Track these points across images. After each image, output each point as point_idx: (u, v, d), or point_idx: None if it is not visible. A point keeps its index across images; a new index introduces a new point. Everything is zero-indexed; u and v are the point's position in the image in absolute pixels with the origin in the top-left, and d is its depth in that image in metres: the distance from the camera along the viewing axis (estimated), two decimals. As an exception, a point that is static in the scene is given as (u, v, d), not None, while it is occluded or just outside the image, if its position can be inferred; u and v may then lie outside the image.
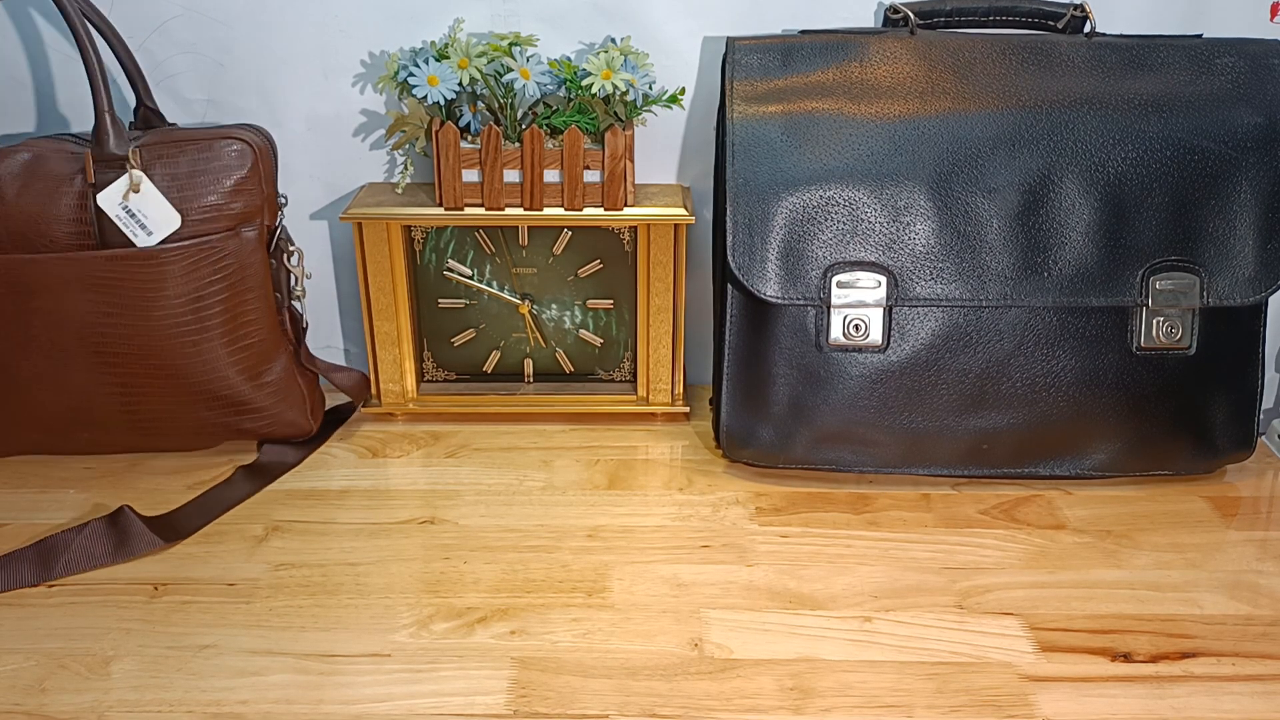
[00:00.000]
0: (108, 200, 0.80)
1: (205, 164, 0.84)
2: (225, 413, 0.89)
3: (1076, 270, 0.86)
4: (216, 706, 0.65)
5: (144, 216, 0.81)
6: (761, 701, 0.66)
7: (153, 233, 0.81)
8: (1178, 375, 0.87)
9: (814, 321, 0.87)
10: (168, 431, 0.90)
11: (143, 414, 0.88)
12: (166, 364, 0.85)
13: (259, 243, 0.87)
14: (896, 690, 0.67)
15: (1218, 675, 0.69)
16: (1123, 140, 0.86)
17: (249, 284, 0.87)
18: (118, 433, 0.90)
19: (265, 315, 0.88)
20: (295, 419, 0.93)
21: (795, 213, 0.86)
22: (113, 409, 0.87)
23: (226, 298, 0.86)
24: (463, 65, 0.90)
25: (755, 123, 0.87)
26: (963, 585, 0.77)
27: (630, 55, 0.91)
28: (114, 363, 0.85)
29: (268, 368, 0.89)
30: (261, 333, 0.88)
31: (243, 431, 0.91)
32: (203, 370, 0.86)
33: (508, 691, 0.67)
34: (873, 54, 0.89)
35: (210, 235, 0.84)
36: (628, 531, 0.83)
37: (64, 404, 0.87)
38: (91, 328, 0.84)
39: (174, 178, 0.83)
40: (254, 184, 0.85)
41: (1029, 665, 0.69)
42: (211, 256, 0.84)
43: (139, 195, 0.80)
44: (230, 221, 0.85)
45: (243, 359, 0.88)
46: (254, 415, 0.90)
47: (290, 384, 0.92)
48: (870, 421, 0.88)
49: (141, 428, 0.89)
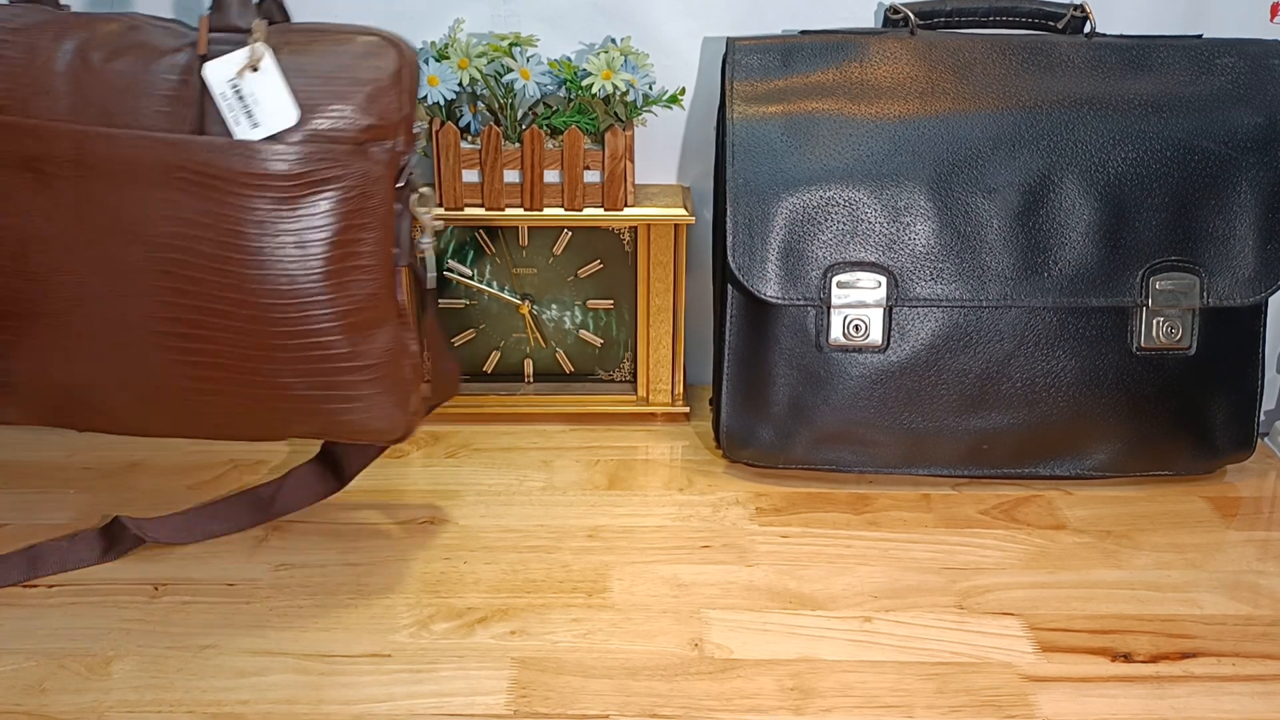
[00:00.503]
0: (216, 74, 0.64)
1: (340, 58, 0.67)
2: (308, 385, 0.69)
3: (1076, 270, 0.86)
4: (216, 706, 0.65)
5: (254, 102, 0.65)
6: (762, 702, 0.66)
7: (259, 124, 0.65)
8: (1178, 375, 0.87)
9: (814, 322, 0.87)
10: (230, 401, 0.70)
11: (204, 370, 0.68)
12: (249, 300, 0.67)
13: (388, 169, 0.69)
14: (896, 690, 0.67)
15: (1218, 675, 0.69)
16: (1123, 140, 0.86)
17: (368, 217, 0.69)
18: (162, 400, 0.70)
19: (381, 263, 0.70)
20: (390, 413, 0.73)
21: (795, 213, 0.86)
22: (169, 362, 0.68)
23: (341, 228, 0.68)
24: (463, 65, 0.90)
25: (755, 123, 0.87)
26: (963, 585, 0.77)
27: (630, 55, 0.92)
28: (184, 291, 0.66)
29: (370, 334, 0.70)
30: (372, 285, 0.70)
31: (320, 420, 0.72)
32: (295, 316, 0.67)
33: (508, 691, 0.67)
34: (873, 54, 0.89)
35: (327, 144, 0.67)
36: (628, 532, 0.83)
37: (104, 344, 0.68)
38: (164, 239, 0.65)
39: (300, 69, 0.66)
40: (394, 95, 0.68)
41: (1029, 665, 0.69)
42: (329, 170, 0.67)
43: (255, 75, 0.64)
44: (359, 135, 0.68)
45: (345, 312, 0.69)
46: (342, 399, 0.70)
47: (394, 366, 0.72)
48: (870, 422, 0.88)
49: (198, 391, 0.69)
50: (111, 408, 0.71)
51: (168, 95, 0.66)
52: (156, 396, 0.70)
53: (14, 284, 0.66)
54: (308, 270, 0.67)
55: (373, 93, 0.68)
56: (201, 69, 0.65)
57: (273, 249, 0.66)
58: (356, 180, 0.68)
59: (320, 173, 0.67)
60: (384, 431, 0.74)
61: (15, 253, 0.66)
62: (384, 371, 0.71)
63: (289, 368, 0.69)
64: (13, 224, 0.65)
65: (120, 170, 0.65)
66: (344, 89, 0.67)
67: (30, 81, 0.65)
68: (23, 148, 0.65)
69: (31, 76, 0.65)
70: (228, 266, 0.66)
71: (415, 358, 0.74)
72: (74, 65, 0.65)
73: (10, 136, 0.65)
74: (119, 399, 0.70)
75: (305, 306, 0.67)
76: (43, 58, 0.65)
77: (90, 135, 0.65)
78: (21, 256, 0.66)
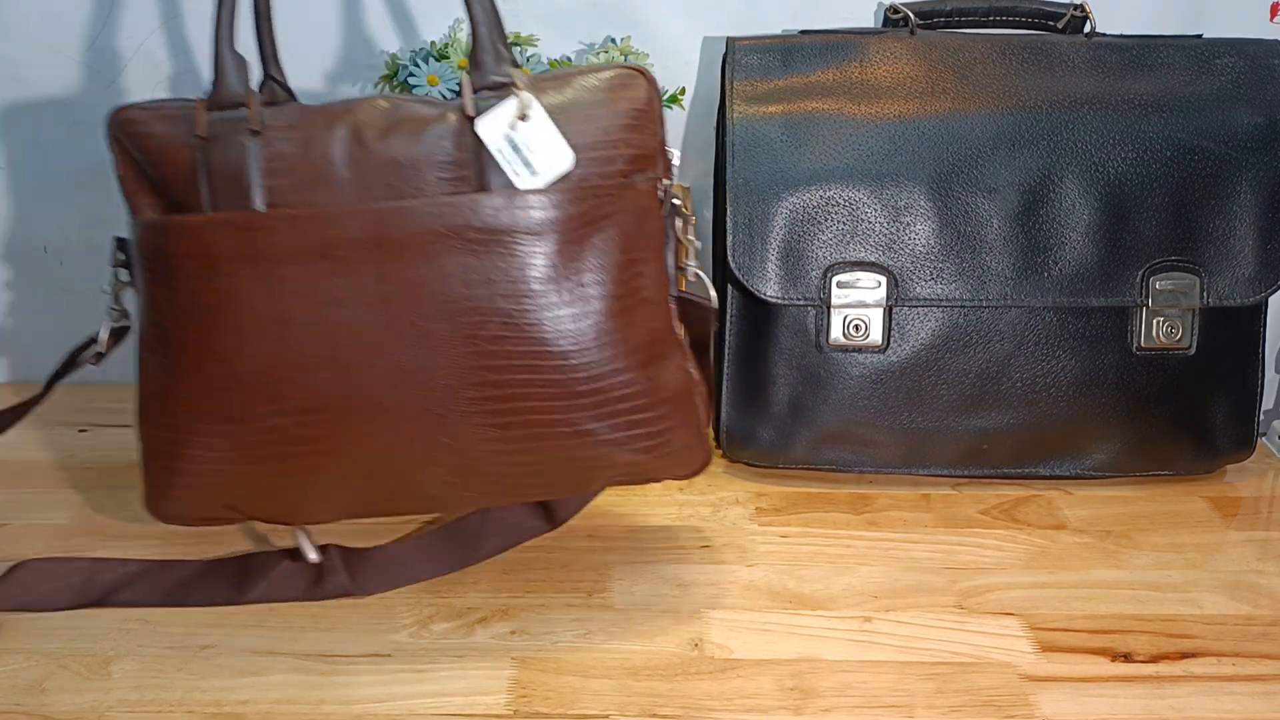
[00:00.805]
0: (489, 128, 0.65)
1: (595, 94, 0.67)
2: (612, 428, 0.68)
3: (1076, 270, 0.86)
4: (216, 706, 0.65)
5: (530, 150, 0.65)
6: (762, 702, 0.66)
7: (537, 172, 0.65)
8: (1178, 375, 0.87)
9: (814, 322, 0.87)
10: (539, 459, 0.69)
11: (514, 429, 0.67)
12: (548, 350, 0.66)
13: (652, 198, 0.69)
14: (897, 690, 0.67)
15: (1218, 675, 0.69)
16: (1123, 140, 0.86)
17: (645, 249, 0.69)
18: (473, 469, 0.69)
19: (659, 295, 0.70)
20: (689, 445, 0.72)
21: (795, 213, 0.86)
22: (479, 427, 0.67)
23: (623, 263, 0.67)
24: (463, 65, 0.90)
25: (755, 123, 0.87)
26: (963, 585, 0.77)
27: (630, 55, 0.91)
28: (487, 353, 0.66)
29: (660, 368, 0.69)
30: (656, 318, 0.69)
31: (625, 463, 0.70)
32: (592, 359, 0.67)
33: (508, 691, 0.67)
34: (873, 54, 0.89)
35: (600, 182, 0.67)
36: (628, 531, 0.83)
37: (419, 423, 0.67)
38: (462, 304, 0.65)
39: (561, 111, 0.66)
40: (650, 123, 0.68)
41: (1029, 665, 0.69)
42: (604, 207, 0.66)
43: (526, 124, 0.65)
44: (625, 168, 0.68)
45: (636, 348, 0.68)
46: (645, 437, 0.69)
47: (687, 398, 0.71)
48: (870, 422, 0.88)
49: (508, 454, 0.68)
50: (420, 485, 0.70)
51: (445, 161, 0.66)
52: (467, 467, 0.69)
53: (323, 377, 0.66)
54: (598, 310, 0.67)
55: (631, 124, 0.68)
56: (475, 127, 0.65)
57: (563, 294, 0.66)
58: (629, 213, 0.68)
59: (596, 211, 0.66)
60: (685, 465, 0.73)
61: (324, 346, 0.65)
62: (678, 404, 0.71)
63: (591, 413, 0.68)
64: (319, 317, 0.65)
65: (414, 241, 0.64)
66: (605, 124, 0.67)
67: (311, 172, 0.65)
68: (316, 237, 0.64)
69: (311, 166, 0.65)
70: (523, 320, 0.65)
71: (701, 386, 0.73)
72: (350, 149, 0.65)
73: (302, 228, 0.64)
74: (429, 475, 0.69)
75: (600, 348, 0.67)
76: (319, 147, 0.66)
77: (381, 211, 0.64)
78: (331, 348, 0.65)
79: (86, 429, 0.99)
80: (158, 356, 0.69)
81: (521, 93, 0.66)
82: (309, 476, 0.69)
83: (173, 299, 0.67)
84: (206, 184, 0.66)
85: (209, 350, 0.66)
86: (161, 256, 0.67)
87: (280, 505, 0.72)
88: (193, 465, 0.69)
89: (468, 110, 0.66)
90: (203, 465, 0.69)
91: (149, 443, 0.71)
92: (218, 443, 0.68)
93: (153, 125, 0.68)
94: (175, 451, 0.69)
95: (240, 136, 0.66)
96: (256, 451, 0.68)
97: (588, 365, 0.67)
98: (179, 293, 0.67)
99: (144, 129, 0.68)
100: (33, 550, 0.79)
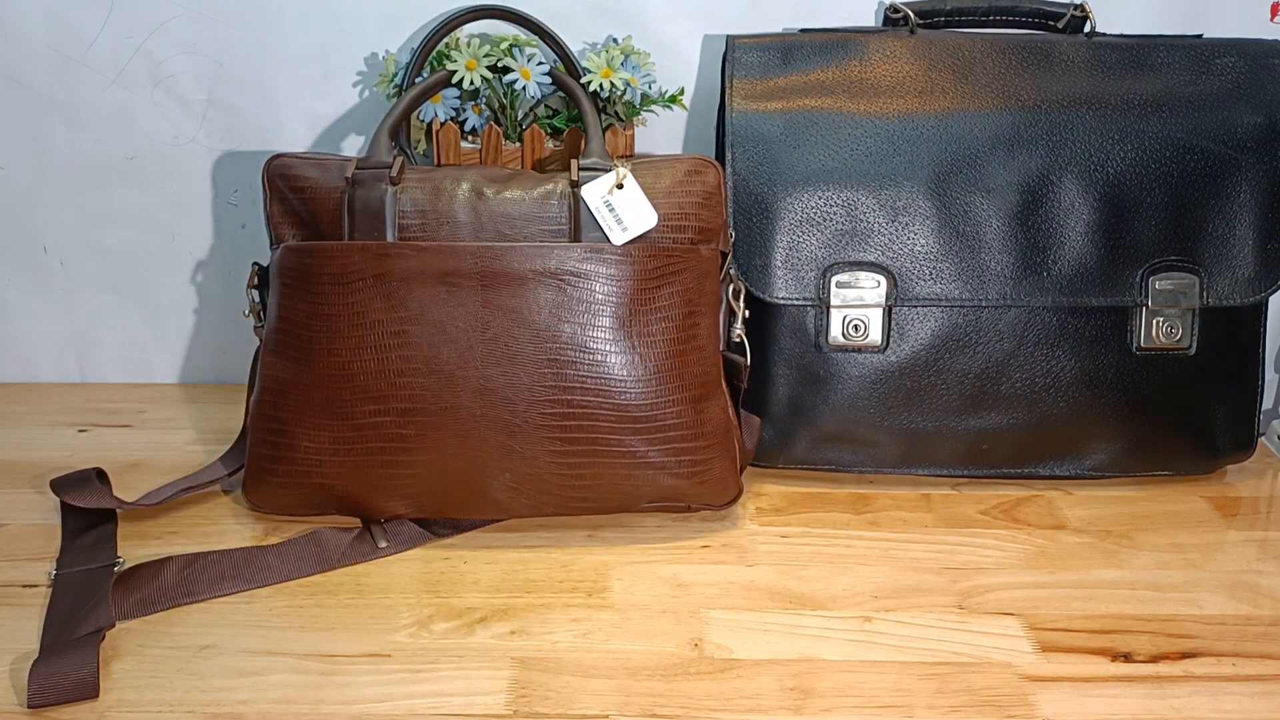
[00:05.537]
0: (592, 193, 0.79)
1: (676, 174, 0.81)
2: (661, 453, 0.79)
3: (1076, 270, 0.86)
4: (216, 706, 0.65)
5: (622, 211, 0.79)
6: (762, 702, 0.66)
7: (627, 228, 0.79)
8: (1178, 375, 0.87)
9: (813, 322, 0.87)
10: (595, 474, 0.79)
11: (578, 445, 0.78)
12: (617, 378, 0.78)
13: (713, 265, 0.83)
14: (897, 690, 0.67)
15: (1218, 675, 0.69)
16: (1122, 140, 0.86)
17: (703, 305, 0.82)
18: (537, 480, 0.79)
19: (711, 345, 0.83)
20: (725, 476, 0.83)
21: (795, 212, 0.86)
22: (548, 440, 0.78)
23: (685, 314, 0.80)
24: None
25: (755, 121, 0.87)
26: (963, 585, 0.77)
27: (631, 55, 0.91)
28: (564, 375, 0.78)
29: (706, 407, 0.81)
30: (707, 364, 0.82)
31: (667, 486, 0.81)
32: (651, 390, 0.79)
33: (508, 691, 0.67)
34: (873, 53, 0.89)
35: (673, 245, 0.81)
36: (628, 532, 0.83)
37: (499, 430, 0.78)
38: (549, 331, 0.78)
39: (648, 186, 0.81)
40: (717, 201, 0.82)
41: (1029, 665, 0.69)
42: (675, 265, 0.80)
43: (621, 192, 0.79)
44: (694, 236, 0.81)
45: (687, 386, 0.80)
46: (689, 464, 0.80)
47: (726, 435, 0.83)
48: (870, 422, 0.88)
49: (570, 466, 0.79)
50: (488, 490, 0.80)
51: (548, 216, 0.80)
52: (533, 476, 0.79)
53: (424, 382, 0.77)
54: (660, 350, 0.79)
55: (702, 202, 0.82)
56: (579, 191, 0.79)
57: (633, 333, 0.79)
58: (694, 274, 0.81)
59: (667, 268, 0.80)
60: (721, 494, 0.84)
61: (430, 354, 0.77)
62: (720, 439, 0.82)
63: (645, 438, 0.79)
64: (430, 330, 0.77)
65: (515, 276, 0.78)
66: (682, 199, 0.81)
67: (438, 214, 0.80)
68: (436, 265, 0.78)
69: (438, 210, 0.80)
70: (599, 351, 0.78)
71: (738, 428, 0.85)
72: (471, 199, 0.80)
73: (424, 258, 0.78)
74: (498, 480, 0.80)
75: (659, 382, 0.79)
76: (446, 196, 0.80)
77: (491, 249, 0.78)
78: (435, 357, 0.77)
79: (86, 429, 0.99)
80: (282, 359, 0.81)
81: (619, 168, 0.80)
82: (396, 471, 0.79)
83: (310, 310, 0.79)
84: (348, 218, 0.80)
85: (333, 352, 0.78)
86: (303, 274, 0.80)
87: (364, 495, 0.81)
88: (295, 454, 0.80)
89: (573, 177, 0.80)
90: (305, 455, 0.79)
91: (258, 433, 0.82)
92: (322, 435, 0.79)
93: (306, 170, 0.82)
94: (283, 442, 0.80)
95: (381, 183, 0.80)
96: (355, 445, 0.79)
97: (646, 395, 0.79)
98: (316, 304, 0.79)
99: (297, 172, 0.82)
100: (33, 550, 0.79)
